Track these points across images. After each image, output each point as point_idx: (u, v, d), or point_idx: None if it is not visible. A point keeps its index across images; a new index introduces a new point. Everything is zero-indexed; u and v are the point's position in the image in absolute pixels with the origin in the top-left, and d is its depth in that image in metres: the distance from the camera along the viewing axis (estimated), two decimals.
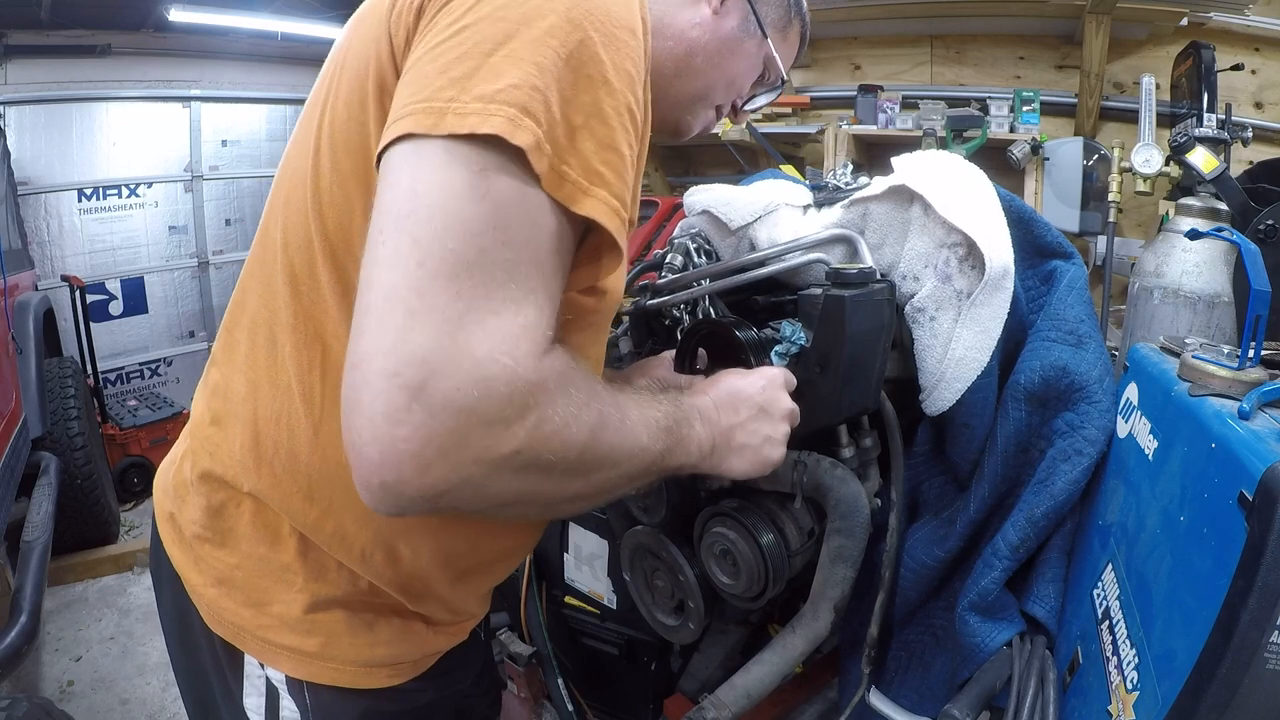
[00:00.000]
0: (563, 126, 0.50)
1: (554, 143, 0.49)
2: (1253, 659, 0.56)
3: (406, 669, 0.74)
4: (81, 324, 3.47)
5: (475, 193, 0.47)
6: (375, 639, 0.70)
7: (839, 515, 0.92)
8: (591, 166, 0.51)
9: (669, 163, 3.20)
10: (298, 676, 0.70)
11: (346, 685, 0.70)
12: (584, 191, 0.51)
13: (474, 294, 0.45)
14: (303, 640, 0.68)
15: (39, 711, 1.37)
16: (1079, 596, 0.91)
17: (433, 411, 0.43)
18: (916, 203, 0.93)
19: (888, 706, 1.02)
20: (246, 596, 0.69)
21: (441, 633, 0.77)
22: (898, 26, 2.74)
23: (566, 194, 0.50)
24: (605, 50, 0.52)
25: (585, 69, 0.51)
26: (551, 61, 0.49)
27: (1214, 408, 0.71)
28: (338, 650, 0.69)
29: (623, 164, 0.53)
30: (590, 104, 0.51)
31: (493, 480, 0.48)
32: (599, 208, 0.51)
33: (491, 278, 0.46)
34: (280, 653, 0.69)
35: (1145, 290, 1.32)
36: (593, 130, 0.51)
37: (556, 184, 0.49)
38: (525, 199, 0.48)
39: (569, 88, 0.50)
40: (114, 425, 3.40)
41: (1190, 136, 1.46)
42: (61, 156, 3.93)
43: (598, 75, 0.51)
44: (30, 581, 1.82)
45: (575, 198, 0.50)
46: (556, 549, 1.46)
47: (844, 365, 0.84)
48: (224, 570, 0.70)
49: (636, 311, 1.13)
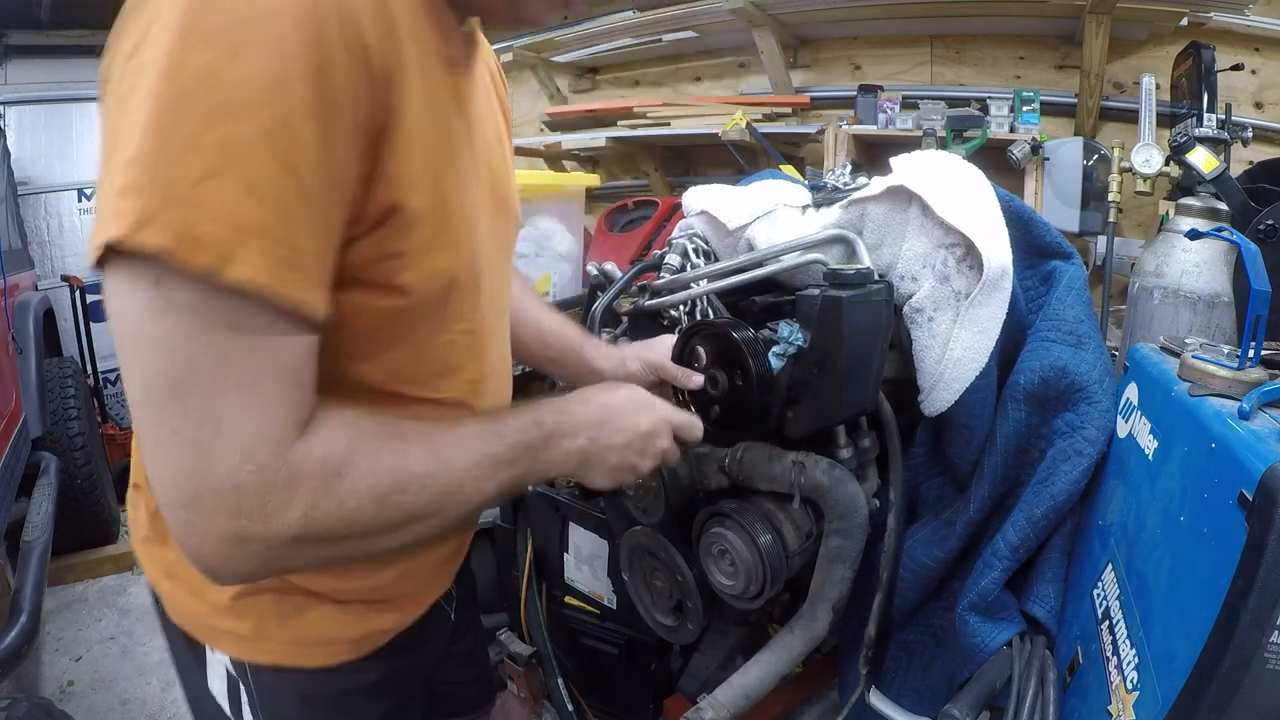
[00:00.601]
0: (190, 206, 0.43)
1: (203, 217, 0.44)
2: (1253, 659, 0.56)
3: (344, 648, 0.75)
4: (81, 324, 3.46)
5: (164, 308, 0.45)
6: (305, 620, 0.72)
7: (837, 516, 0.92)
8: (237, 222, 0.44)
9: (669, 163, 3.20)
10: (238, 658, 0.73)
11: (283, 664, 0.73)
12: (231, 255, 0.44)
13: (201, 409, 0.46)
14: (237, 624, 0.71)
15: (39, 711, 1.37)
16: (1079, 596, 0.91)
17: (207, 521, 0.48)
18: (915, 203, 0.92)
19: (887, 706, 1.02)
20: (189, 587, 0.72)
21: (384, 611, 0.77)
22: (898, 26, 2.73)
23: (210, 262, 0.44)
24: (237, 88, 0.43)
25: (185, 131, 0.43)
26: (163, 138, 0.43)
27: (1214, 408, 0.70)
28: (269, 631, 0.71)
29: (262, 209, 0.45)
30: (206, 166, 0.43)
31: (292, 557, 0.52)
32: (247, 267, 0.45)
33: (215, 390, 0.46)
34: (222, 636, 0.73)
35: (1145, 290, 1.32)
36: (218, 189, 0.44)
37: (225, 261, 0.44)
38: (215, 302, 0.45)
39: (180, 162, 0.43)
40: (114, 425, 3.40)
41: (1190, 136, 1.46)
42: (61, 156, 3.93)
43: (212, 136, 0.43)
44: (30, 581, 1.82)
45: (229, 264, 0.44)
46: (556, 549, 1.46)
47: (842, 366, 0.83)
48: (168, 564, 0.73)
49: (635, 312, 1.13)
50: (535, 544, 1.51)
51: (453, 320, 0.67)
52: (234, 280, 0.45)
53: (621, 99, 3.31)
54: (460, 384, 0.71)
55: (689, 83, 3.30)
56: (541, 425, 0.67)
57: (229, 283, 0.45)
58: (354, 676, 0.77)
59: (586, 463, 0.71)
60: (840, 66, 2.93)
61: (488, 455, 0.61)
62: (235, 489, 0.47)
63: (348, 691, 0.78)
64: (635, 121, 2.92)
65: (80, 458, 2.70)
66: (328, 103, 0.47)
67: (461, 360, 0.71)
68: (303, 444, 0.50)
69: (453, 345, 0.68)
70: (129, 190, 0.43)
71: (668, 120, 2.81)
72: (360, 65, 0.49)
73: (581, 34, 3.19)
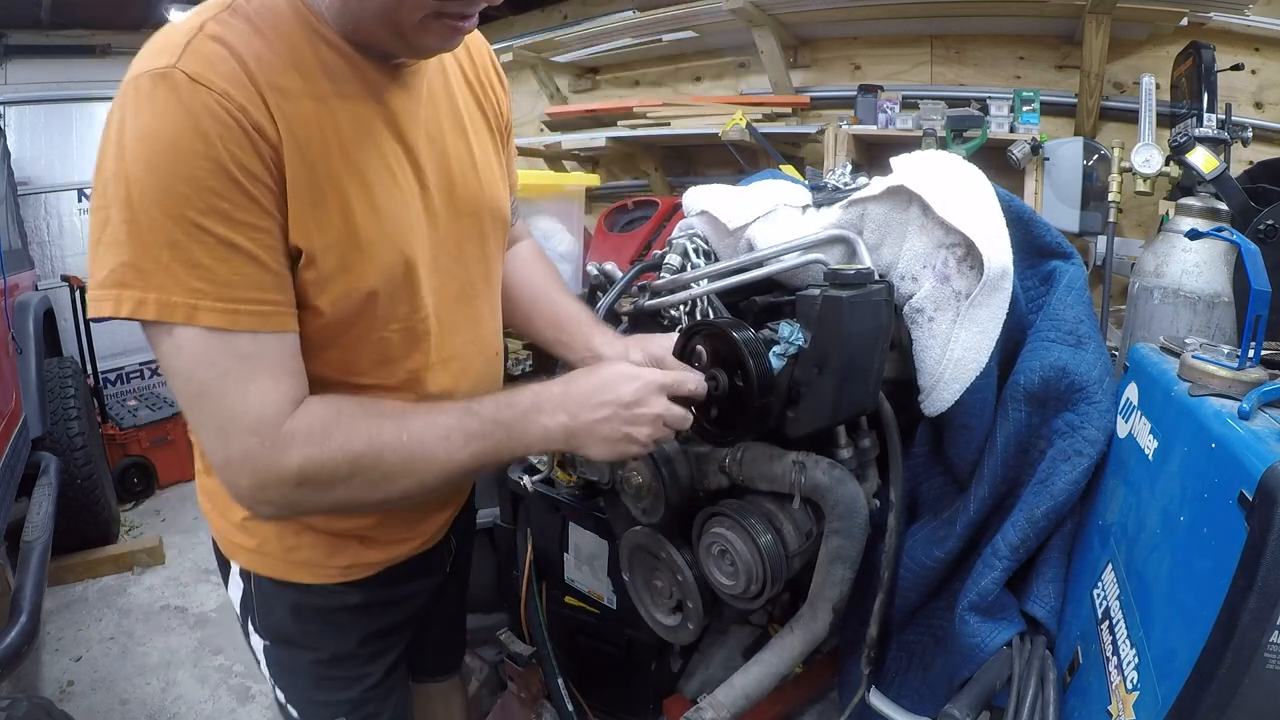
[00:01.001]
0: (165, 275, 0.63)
1: (170, 290, 0.63)
2: (1253, 659, 0.56)
3: (333, 572, 0.91)
4: (81, 324, 3.46)
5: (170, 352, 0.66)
6: (299, 544, 0.89)
7: (837, 516, 0.92)
8: (190, 287, 0.63)
9: (669, 163, 3.19)
10: (246, 568, 0.92)
11: (278, 577, 0.90)
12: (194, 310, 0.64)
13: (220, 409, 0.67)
14: (246, 540, 0.90)
15: (39, 711, 1.37)
16: (1079, 596, 0.91)
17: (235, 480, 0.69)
18: (915, 203, 0.92)
19: (888, 706, 1.02)
20: (219, 509, 0.92)
21: (371, 547, 0.92)
22: (898, 26, 2.73)
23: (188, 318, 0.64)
24: (164, 194, 0.62)
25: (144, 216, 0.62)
26: (144, 229, 0.62)
27: (1214, 408, 0.70)
28: (269, 549, 0.89)
29: (210, 272, 0.64)
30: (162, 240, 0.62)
31: (302, 499, 0.70)
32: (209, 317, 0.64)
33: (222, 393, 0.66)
34: (236, 549, 0.92)
35: (1145, 290, 1.32)
36: (172, 272, 0.63)
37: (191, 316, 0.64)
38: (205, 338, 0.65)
39: (154, 245, 0.62)
40: (114, 425, 3.39)
41: (1190, 136, 1.46)
42: (61, 156, 3.92)
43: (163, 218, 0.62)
44: (30, 581, 1.82)
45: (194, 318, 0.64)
46: (556, 549, 1.46)
47: (842, 366, 0.83)
48: (210, 492, 0.93)
49: (635, 312, 1.13)
50: (535, 544, 1.51)
51: (383, 322, 0.79)
52: (206, 326, 0.65)
53: (621, 99, 3.31)
54: (400, 372, 0.83)
55: (689, 83, 3.29)
56: (514, 405, 0.77)
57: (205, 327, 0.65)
58: (338, 596, 0.92)
59: (573, 436, 0.79)
60: (840, 66, 2.92)
61: (459, 429, 0.73)
62: (249, 457, 0.67)
63: (332, 608, 0.92)
64: (635, 121, 2.91)
65: (80, 458, 2.70)
66: (238, 184, 0.64)
67: (399, 353, 0.82)
68: (294, 419, 0.68)
69: (387, 342, 0.81)
70: (125, 281, 0.63)
71: (668, 120, 2.81)
72: (253, 149, 0.65)
73: (581, 34, 3.19)
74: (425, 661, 1.25)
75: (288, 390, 0.69)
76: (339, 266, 0.72)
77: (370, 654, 0.98)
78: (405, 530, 0.96)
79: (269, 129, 0.66)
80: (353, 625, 0.95)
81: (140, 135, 0.62)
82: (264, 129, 0.66)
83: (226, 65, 0.65)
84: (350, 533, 0.90)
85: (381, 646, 1.00)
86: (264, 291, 0.67)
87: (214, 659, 2.31)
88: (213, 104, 0.63)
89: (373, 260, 0.75)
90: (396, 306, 0.79)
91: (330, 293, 0.73)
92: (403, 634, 1.05)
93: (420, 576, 1.02)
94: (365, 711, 0.98)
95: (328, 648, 0.94)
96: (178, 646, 2.39)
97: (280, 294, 0.69)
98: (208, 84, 0.63)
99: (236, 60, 0.65)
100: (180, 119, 0.62)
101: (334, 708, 0.96)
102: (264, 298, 0.67)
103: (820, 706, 1.38)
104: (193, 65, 0.63)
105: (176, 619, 2.54)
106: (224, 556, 0.95)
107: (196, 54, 0.64)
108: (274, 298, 0.68)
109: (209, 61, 0.64)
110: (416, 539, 0.98)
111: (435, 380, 0.86)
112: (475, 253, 0.90)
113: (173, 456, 3.49)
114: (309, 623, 0.93)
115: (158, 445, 3.49)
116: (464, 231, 0.87)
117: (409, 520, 0.96)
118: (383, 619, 0.98)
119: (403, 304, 0.80)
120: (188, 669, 2.28)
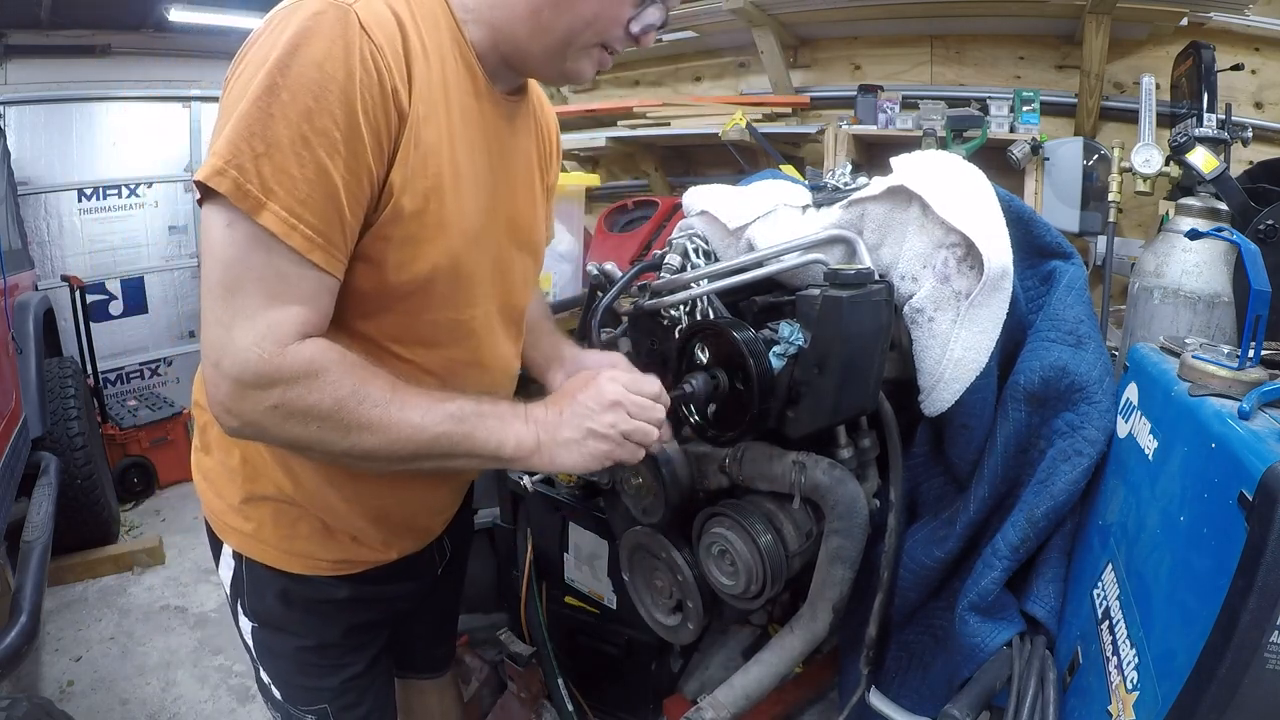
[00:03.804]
0: (252, 166, 0.66)
1: (250, 180, 0.66)
2: (1253, 659, 0.56)
3: (324, 565, 0.93)
4: (81, 324, 3.46)
5: (219, 239, 0.68)
6: (295, 534, 0.91)
7: (837, 516, 0.92)
8: (268, 187, 0.66)
9: (669, 163, 3.19)
10: (239, 551, 0.94)
11: (270, 564, 0.92)
12: (262, 206, 0.66)
13: (235, 306, 0.68)
14: (242, 523, 0.92)
15: (39, 711, 1.36)
16: (1079, 596, 0.91)
17: (223, 379, 0.69)
18: (915, 203, 0.92)
19: (888, 706, 1.02)
20: (215, 489, 0.95)
21: (365, 547, 0.95)
22: (898, 26, 2.73)
23: (251, 209, 0.66)
24: (291, 98, 0.66)
25: (274, 117, 0.66)
26: (254, 118, 0.65)
27: (1214, 408, 0.70)
28: (265, 535, 0.92)
29: (293, 182, 0.67)
30: (272, 140, 0.66)
31: (271, 423, 0.71)
32: (269, 219, 0.66)
33: (242, 293, 0.68)
34: (230, 531, 0.94)
35: (1145, 290, 1.32)
36: (270, 158, 0.66)
37: (256, 209, 0.66)
38: (248, 233, 0.67)
39: (260, 137, 0.66)
40: (114, 425, 3.39)
41: (1190, 136, 1.45)
42: (61, 156, 3.92)
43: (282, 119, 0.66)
44: (30, 581, 1.81)
45: (257, 212, 0.66)
46: (556, 549, 1.46)
47: (842, 366, 0.84)
48: (206, 470, 0.96)
49: (635, 312, 1.13)
50: (535, 544, 1.51)
51: (437, 306, 0.83)
52: (263, 226, 0.66)
53: (621, 99, 3.31)
54: (440, 359, 0.86)
55: (689, 83, 3.29)
56: (497, 403, 0.80)
57: (262, 225, 0.66)
58: (327, 589, 0.95)
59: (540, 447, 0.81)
60: (840, 66, 2.92)
61: (438, 406, 0.76)
62: (244, 361, 0.68)
63: (320, 599, 0.95)
64: (635, 121, 2.91)
65: (80, 458, 2.70)
66: (356, 130, 0.69)
67: (445, 340, 0.86)
68: (299, 346, 0.70)
69: (436, 325, 0.84)
70: (218, 151, 0.66)
71: (668, 120, 2.81)
72: (383, 104, 0.70)
73: None
74: (414, 658, 1.28)
75: (304, 320, 0.71)
76: (413, 235, 0.77)
77: (354, 645, 1.01)
78: (397, 533, 0.98)
79: (403, 96, 0.72)
80: (338, 616, 0.98)
81: (296, 43, 0.66)
82: (399, 95, 0.72)
83: (390, 28, 0.71)
84: (344, 529, 0.93)
85: (366, 639, 1.03)
86: (328, 226, 0.70)
87: (214, 659, 2.32)
88: (368, 52, 0.69)
89: (443, 244, 0.79)
90: (453, 295, 0.84)
91: (399, 253, 0.77)
92: (387, 629, 1.08)
93: (409, 578, 1.05)
94: (347, 700, 1.01)
95: (314, 636, 0.97)
96: (178, 646, 2.39)
97: (339, 238, 0.71)
98: (370, 33, 0.69)
99: (398, 27, 0.72)
100: (337, 47, 0.67)
101: (317, 694, 0.99)
102: (325, 231, 0.70)
103: (820, 706, 1.38)
104: (365, 13, 0.69)
105: (176, 619, 2.54)
106: (216, 537, 0.97)
107: (369, 6, 0.70)
108: (333, 237, 0.71)
109: (377, 18, 0.70)
110: (408, 542, 1.00)
111: (469, 378, 0.88)
112: (519, 281, 0.97)
113: (173, 456, 3.49)
114: (297, 610, 0.95)
115: (158, 445, 3.49)
116: (516, 260, 0.94)
117: (402, 524, 0.98)
118: (368, 614, 1.01)
119: (458, 295, 0.84)
120: (188, 669, 2.28)
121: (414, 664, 1.29)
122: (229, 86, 0.71)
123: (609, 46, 0.83)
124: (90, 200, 4.07)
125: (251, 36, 0.71)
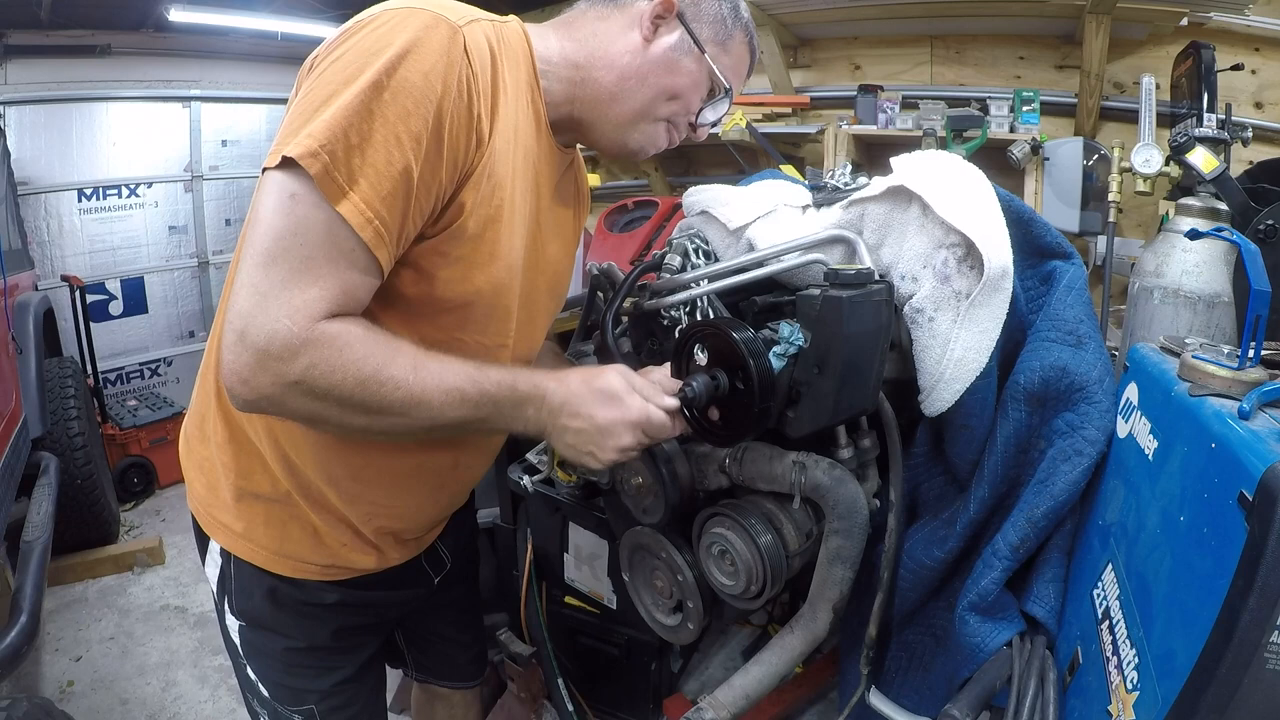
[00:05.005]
0: (344, 155, 0.68)
1: (340, 168, 0.68)
2: (1253, 659, 0.56)
3: (313, 569, 0.94)
4: (81, 324, 3.45)
5: (283, 209, 0.68)
6: (286, 536, 0.91)
7: (837, 516, 0.92)
8: (354, 178, 0.69)
9: (669, 163, 3.20)
10: (227, 549, 0.93)
11: (259, 565, 0.92)
12: (344, 195, 0.68)
13: (277, 277, 0.68)
14: (233, 521, 0.92)
15: (39, 711, 1.37)
16: (1079, 596, 0.91)
17: (245, 348, 0.68)
18: (915, 203, 0.92)
19: (888, 706, 1.02)
20: (208, 481, 0.94)
21: (357, 552, 0.95)
22: (898, 26, 2.73)
23: (332, 195, 0.68)
24: (392, 98, 0.69)
25: (374, 113, 0.69)
26: (355, 109, 0.68)
27: (1214, 408, 0.70)
28: (255, 535, 0.91)
29: (379, 177, 0.69)
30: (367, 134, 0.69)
31: (289, 398, 0.70)
32: (348, 209, 0.68)
33: (290, 267, 0.68)
34: (220, 528, 0.93)
35: (1145, 290, 1.32)
36: (362, 152, 0.69)
37: (337, 196, 0.68)
38: (319, 215, 0.68)
39: (357, 129, 0.68)
40: (114, 425, 3.39)
41: (1190, 136, 1.46)
42: (61, 156, 3.91)
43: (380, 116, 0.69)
44: (30, 581, 1.81)
45: (338, 200, 0.68)
46: (556, 549, 1.46)
47: (842, 366, 0.83)
48: (200, 460, 0.95)
49: (635, 312, 1.13)
50: (535, 544, 1.51)
51: (471, 329, 0.85)
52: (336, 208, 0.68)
53: None
54: None
55: None
56: (515, 390, 0.81)
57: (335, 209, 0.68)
58: (315, 592, 0.95)
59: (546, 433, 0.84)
60: (840, 66, 2.93)
61: (458, 390, 0.76)
62: (272, 332, 0.67)
63: (309, 602, 0.95)
64: None
65: (80, 458, 2.70)
66: (439, 143, 0.72)
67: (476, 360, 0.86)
68: (327, 324, 0.70)
69: (465, 346, 0.85)
70: (314, 134, 0.67)
71: None
72: (466, 126, 0.75)
73: None
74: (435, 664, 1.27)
75: (340, 301, 0.71)
76: (466, 256, 0.80)
77: (344, 648, 1.01)
78: (388, 543, 0.98)
79: (485, 125, 0.77)
80: (328, 619, 0.98)
81: (408, 49, 0.70)
82: (482, 122, 0.76)
83: (485, 59, 0.77)
84: (335, 537, 0.93)
85: (356, 642, 1.03)
86: (392, 220, 0.72)
87: (214, 659, 2.32)
88: (465, 76, 0.73)
89: (491, 271, 0.83)
90: (486, 322, 0.87)
91: (449, 271, 0.80)
92: (379, 634, 1.09)
93: (401, 587, 1.05)
94: (334, 703, 1.01)
95: (303, 637, 0.97)
96: (178, 646, 2.39)
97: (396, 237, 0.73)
98: (471, 59, 0.74)
99: (492, 60, 0.78)
100: (442, 63, 0.71)
101: (304, 695, 1.00)
102: (391, 225, 0.72)
103: (820, 706, 1.38)
104: (470, 38, 0.74)
105: (176, 619, 2.54)
106: (203, 532, 0.96)
107: (475, 33, 0.76)
108: (393, 233, 0.72)
109: (478, 46, 0.76)
110: (397, 553, 1.00)
111: None
112: (542, 325, 1.01)
113: (173, 456, 3.45)
114: (285, 611, 0.95)
115: (158, 445, 3.49)
116: (543, 302, 0.98)
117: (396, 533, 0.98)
118: (358, 618, 1.02)
119: (491, 323, 0.87)
120: (188, 669, 2.28)
121: (434, 669, 1.28)
122: (320, 63, 0.73)
123: (675, 126, 0.93)
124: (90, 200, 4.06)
125: (353, 25, 0.73)
